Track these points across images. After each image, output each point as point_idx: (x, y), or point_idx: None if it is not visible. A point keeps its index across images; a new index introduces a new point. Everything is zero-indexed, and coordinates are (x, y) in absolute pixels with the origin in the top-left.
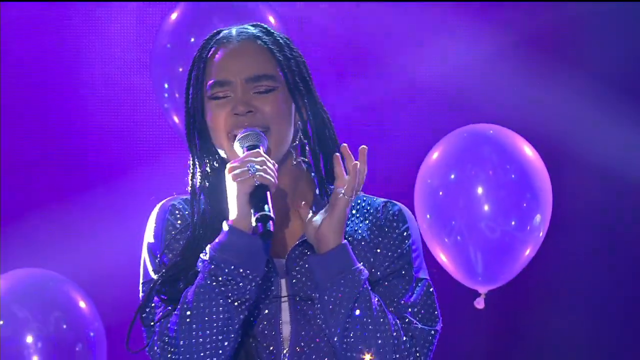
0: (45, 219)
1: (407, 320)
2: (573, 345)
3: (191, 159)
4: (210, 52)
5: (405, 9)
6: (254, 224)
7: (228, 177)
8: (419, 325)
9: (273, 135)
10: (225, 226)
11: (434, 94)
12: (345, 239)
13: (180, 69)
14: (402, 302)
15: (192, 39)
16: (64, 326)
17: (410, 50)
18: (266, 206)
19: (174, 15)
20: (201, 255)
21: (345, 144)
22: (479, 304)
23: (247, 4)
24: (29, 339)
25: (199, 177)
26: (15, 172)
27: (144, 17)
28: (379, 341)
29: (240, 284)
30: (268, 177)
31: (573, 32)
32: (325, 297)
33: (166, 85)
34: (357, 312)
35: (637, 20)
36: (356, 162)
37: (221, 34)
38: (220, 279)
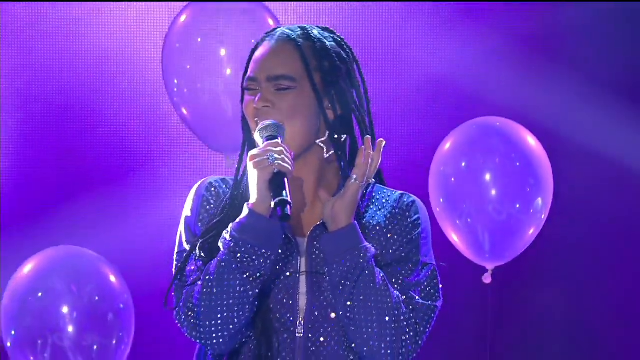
0: (84, 203)
1: (410, 296)
2: (565, 319)
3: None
4: (257, 47)
5: (417, 9)
6: (273, 206)
7: (249, 165)
8: (421, 301)
9: (287, 129)
10: (245, 209)
11: (450, 90)
12: (363, 224)
13: (188, 66)
14: (407, 280)
15: (199, 39)
16: (97, 298)
17: (423, 51)
18: (284, 192)
19: (182, 18)
20: (224, 232)
21: (368, 137)
22: (487, 279)
23: (250, 6)
24: (65, 309)
25: (243, 157)
26: (63, 160)
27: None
28: (381, 312)
29: (256, 261)
30: (286, 165)
31: (568, 34)
32: (333, 271)
33: (175, 81)
34: (362, 285)
35: (625, 22)
36: (369, 152)
37: (271, 32)
38: (238, 255)
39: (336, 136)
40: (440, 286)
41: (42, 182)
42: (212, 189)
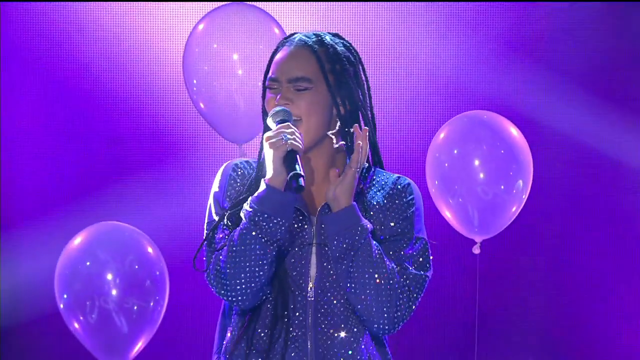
0: (126, 184)
1: (404, 266)
2: (542, 279)
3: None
4: (278, 51)
5: (416, 10)
6: (288, 179)
7: (265, 145)
8: (414, 271)
9: (304, 124)
10: (262, 184)
11: (445, 86)
12: (365, 203)
13: (206, 68)
14: (402, 253)
15: (215, 45)
16: (136, 266)
17: (422, 51)
18: (297, 166)
19: (200, 27)
20: (244, 204)
21: (356, 125)
22: (476, 250)
23: (258, 18)
24: (109, 276)
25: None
26: (109, 148)
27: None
28: (377, 281)
29: (272, 228)
30: (297, 143)
31: (548, 37)
32: (333, 248)
33: (194, 81)
34: (359, 258)
35: (600, 24)
36: (359, 142)
37: (290, 37)
38: (257, 223)
39: (345, 129)
40: (431, 257)
41: (90, 167)
42: (239, 170)
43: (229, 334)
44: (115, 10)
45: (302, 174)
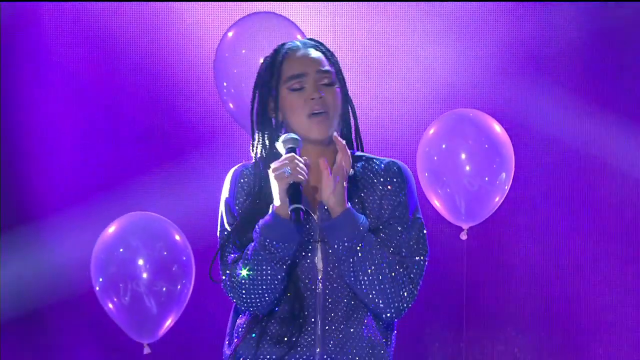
0: (156, 177)
1: (403, 254)
2: (525, 262)
3: (255, 134)
4: (284, 57)
5: (415, 11)
6: (289, 211)
7: (271, 175)
8: (413, 257)
9: (329, 118)
10: (270, 210)
11: (435, 86)
12: (361, 189)
13: (235, 71)
14: (400, 238)
15: (243, 51)
16: (165, 253)
17: (416, 52)
18: (298, 199)
19: (230, 34)
20: (256, 226)
21: (335, 134)
22: (463, 236)
23: (283, 23)
24: (141, 262)
25: (259, 148)
26: (140, 142)
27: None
28: (379, 276)
29: (280, 252)
30: (299, 176)
31: (534, 40)
32: (337, 250)
33: (225, 83)
34: (360, 257)
35: (581, 30)
36: (341, 153)
37: (288, 45)
38: (266, 247)
39: (345, 131)
40: (425, 231)
41: (122, 161)
42: (244, 177)
43: (239, 321)
44: (153, 11)
45: (302, 208)
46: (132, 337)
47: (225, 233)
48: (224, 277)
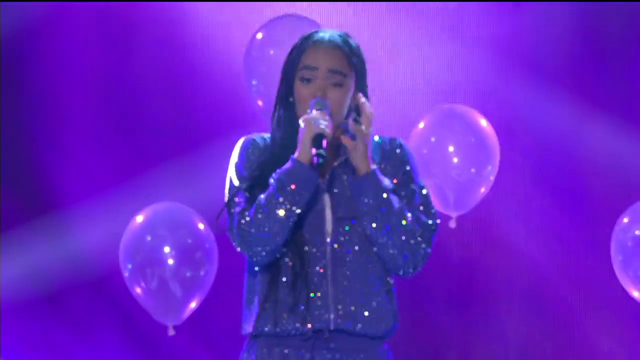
0: (182, 168)
1: (416, 216)
2: (510, 248)
3: (277, 107)
4: (308, 45)
5: (413, 12)
6: (312, 154)
7: (301, 123)
8: (428, 221)
9: (332, 115)
10: (290, 159)
11: (427, 82)
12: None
13: (263, 70)
14: (412, 201)
15: (272, 52)
16: (189, 240)
17: (410, 50)
18: (322, 148)
19: (258, 35)
20: (273, 174)
21: (360, 94)
22: (452, 224)
23: (310, 25)
24: (167, 249)
25: (277, 121)
26: (164, 136)
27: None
28: (398, 232)
29: (297, 197)
30: (326, 130)
31: (522, 38)
32: (361, 206)
33: (254, 82)
34: (383, 213)
35: (566, 30)
36: (367, 111)
37: (317, 35)
38: (283, 192)
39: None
40: (431, 198)
41: (147, 153)
42: (255, 143)
43: (256, 298)
44: (185, 12)
45: (325, 155)
46: (157, 319)
47: (235, 187)
48: (232, 224)
